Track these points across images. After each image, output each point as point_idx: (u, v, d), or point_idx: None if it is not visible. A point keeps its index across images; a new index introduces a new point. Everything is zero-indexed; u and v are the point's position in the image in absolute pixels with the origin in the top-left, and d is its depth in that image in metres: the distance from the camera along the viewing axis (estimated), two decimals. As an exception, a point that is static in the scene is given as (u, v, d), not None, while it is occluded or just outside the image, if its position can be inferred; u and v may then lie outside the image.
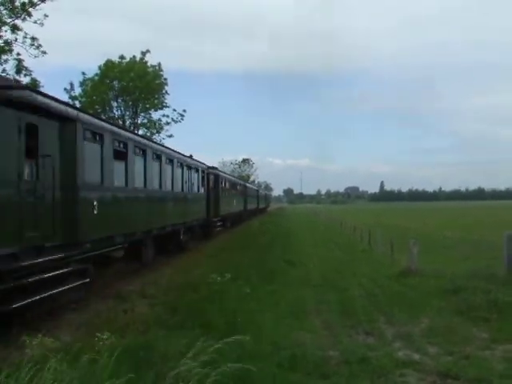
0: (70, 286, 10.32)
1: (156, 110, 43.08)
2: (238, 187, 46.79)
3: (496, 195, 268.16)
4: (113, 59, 40.87)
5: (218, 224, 32.37)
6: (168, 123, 43.29)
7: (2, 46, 25.09)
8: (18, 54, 25.73)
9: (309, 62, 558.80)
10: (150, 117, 43.22)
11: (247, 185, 59.52)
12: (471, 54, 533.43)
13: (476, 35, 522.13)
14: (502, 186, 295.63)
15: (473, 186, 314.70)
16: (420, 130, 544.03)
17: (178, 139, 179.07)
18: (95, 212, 11.55)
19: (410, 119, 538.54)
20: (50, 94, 10.56)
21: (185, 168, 22.24)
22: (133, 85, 39.95)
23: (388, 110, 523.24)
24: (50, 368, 4.67)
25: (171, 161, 19.76)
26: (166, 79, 42.62)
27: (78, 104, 38.75)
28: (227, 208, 36.03)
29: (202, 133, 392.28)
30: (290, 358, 7.01)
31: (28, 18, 25.12)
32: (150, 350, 6.83)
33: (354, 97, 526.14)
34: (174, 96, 56.57)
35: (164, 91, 42.71)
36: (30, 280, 8.78)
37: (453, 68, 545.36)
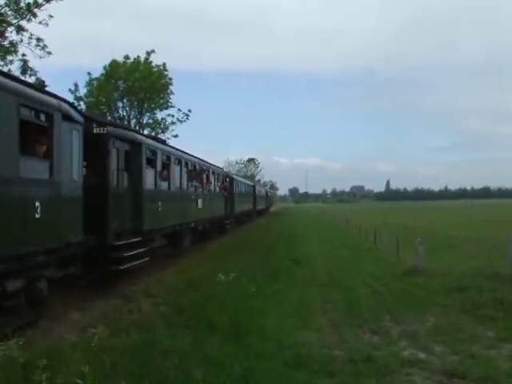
0: None
1: (161, 110, 43.17)
2: (204, 176, 25.38)
3: (502, 193, 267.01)
4: (118, 59, 40.97)
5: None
6: (173, 123, 43.35)
7: (8, 47, 25.17)
8: (24, 55, 25.82)
9: (312, 60, 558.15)
10: (155, 117, 43.31)
11: (235, 177, 41.19)
12: (476, 51, 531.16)
13: (480, 33, 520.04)
14: (507, 184, 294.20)
15: (478, 185, 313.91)
16: (425, 129, 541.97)
17: (185, 139, 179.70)
18: None
19: (415, 118, 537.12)
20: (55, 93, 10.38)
21: None
22: (138, 85, 40.01)
23: (392, 108, 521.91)
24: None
25: None
26: (170, 79, 42.72)
27: (83, 104, 38.85)
28: (165, 219, 17.25)
29: (208, 133, 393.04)
30: (296, 357, 7.00)
31: (33, 19, 25.18)
32: (155, 348, 6.84)
33: (358, 96, 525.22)
34: (181, 96, 56.67)
35: (169, 91, 42.78)
36: None
37: (457, 66, 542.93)
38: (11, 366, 5.25)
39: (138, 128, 39.30)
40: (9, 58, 25.48)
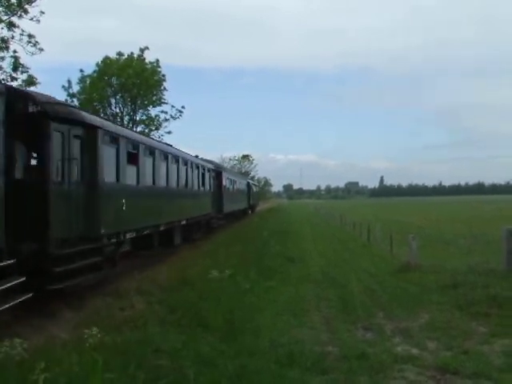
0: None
1: (154, 107, 43.01)
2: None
3: (496, 189, 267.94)
4: (111, 56, 40.80)
5: None
6: (167, 119, 43.22)
7: (-2, 44, 24.97)
8: (15, 52, 25.61)
9: (310, 57, 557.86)
10: (149, 113, 43.16)
11: (123, 134, 13.98)
12: (471, 49, 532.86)
13: (475, 30, 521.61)
14: (501, 180, 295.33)
15: (473, 181, 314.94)
16: (420, 126, 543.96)
17: (182, 136, 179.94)
18: None
19: (409, 115, 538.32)
20: (49, 91, 10.19)
21: None
22: (130, 81, 39.83)
23: (387, 105, 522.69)
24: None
25: None
26: (164, 76, 42.55)
27: (76, 101, 38.66)
28: None
29: (206, 130, 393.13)
30: (289, 354, 6.98)
31: (24, 15, 24.99)
32: (148, 346, 6.81)
33: (354, 93, 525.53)
34: (179, 93, 56.35)
35: (162, 87, 42.62)
36: None
37: (452, 64, 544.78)
38: (11, 365, 5.21)
39: (131, 125, 39.15)
40: (0, 54, 25.27)
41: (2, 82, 21.37)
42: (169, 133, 43.21)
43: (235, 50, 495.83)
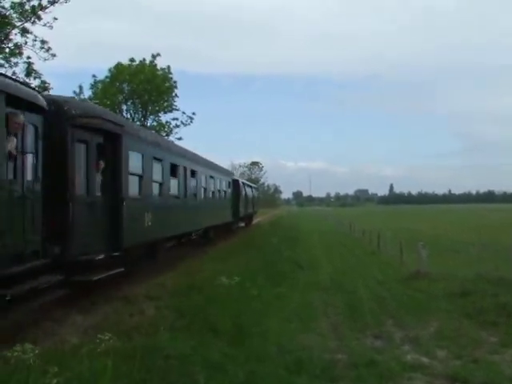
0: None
1: (165, 113, 43.29)
2: None
3: (506, 198, 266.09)
4: (123, 62, 41.15)
5: None
6: (177, 126, 43.46)
7: (13, 50, 25.26)
8: (28, 57, 25.88)
9: (318, 63, 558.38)
10: (160, 119, 43.44)
11: None
12: (481, 55, 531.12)
13: (485, 36, 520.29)
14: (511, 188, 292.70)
15: (483, 189, 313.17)
16: (429, 133, 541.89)
17: (191, 142, 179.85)
18: None
19: (419, 122, 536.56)
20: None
21: None
22: (142, 87, 40.13)
23: (398, 113, 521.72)
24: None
25: None
26: (175, 82, 42.85)
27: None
28: None
29: (216, 136, 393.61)
30: (297, 361, 6.99)
31: (37, 21, 25.28)
32: (158, 352, 6.84)
33: (364, 100, 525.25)
34: (188, 99, 56.53)
35: (173, 94, 42.90)
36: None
37: (463, 70, 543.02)
38: (24, 369, 5.26)
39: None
40: (13, 60, 25.56)
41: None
42: (179, 139, 43.46)
43: (242, 55, 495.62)
